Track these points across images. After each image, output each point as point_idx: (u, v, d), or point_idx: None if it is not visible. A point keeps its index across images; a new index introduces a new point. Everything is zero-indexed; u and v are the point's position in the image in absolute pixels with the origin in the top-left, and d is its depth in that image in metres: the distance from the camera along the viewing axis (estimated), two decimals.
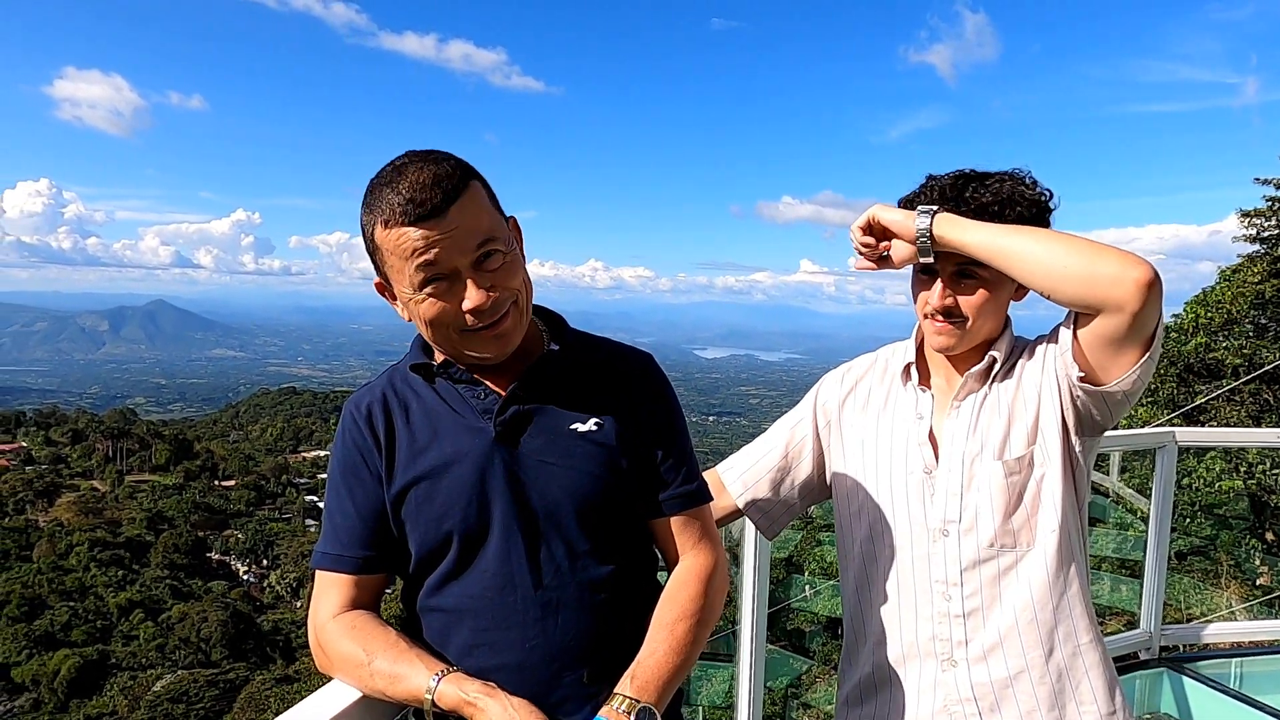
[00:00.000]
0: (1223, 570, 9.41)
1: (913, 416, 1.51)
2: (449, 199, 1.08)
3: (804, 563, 13.32)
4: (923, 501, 1.47)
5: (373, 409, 1.24)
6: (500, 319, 1.15)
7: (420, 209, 1.07)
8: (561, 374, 1.24)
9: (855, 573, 1.59)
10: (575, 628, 1.19)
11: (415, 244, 1.08)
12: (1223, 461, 11.84)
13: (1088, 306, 1.28)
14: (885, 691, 1.54)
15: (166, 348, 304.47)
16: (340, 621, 1.19)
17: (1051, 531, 1.41)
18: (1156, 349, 1.30)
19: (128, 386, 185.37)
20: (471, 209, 1.11)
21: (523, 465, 1.19)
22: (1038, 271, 1.29)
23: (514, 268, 1.15)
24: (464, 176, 1.11)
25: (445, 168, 1.10)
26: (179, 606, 41.58)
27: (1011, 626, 1.42)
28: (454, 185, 1.09)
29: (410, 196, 1.07)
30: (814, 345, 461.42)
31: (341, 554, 1.22)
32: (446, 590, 1.21)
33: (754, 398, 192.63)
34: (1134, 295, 1.21)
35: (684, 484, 1.28)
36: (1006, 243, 1.30)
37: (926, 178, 1.45)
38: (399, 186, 1.09)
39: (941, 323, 1.43)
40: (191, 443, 78.70)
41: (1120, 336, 1.27)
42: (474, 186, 1.13)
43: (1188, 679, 3.10)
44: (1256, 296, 13.18)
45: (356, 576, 1.22)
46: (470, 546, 1.19)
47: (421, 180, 1.08)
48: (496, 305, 1.13)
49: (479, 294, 1.11)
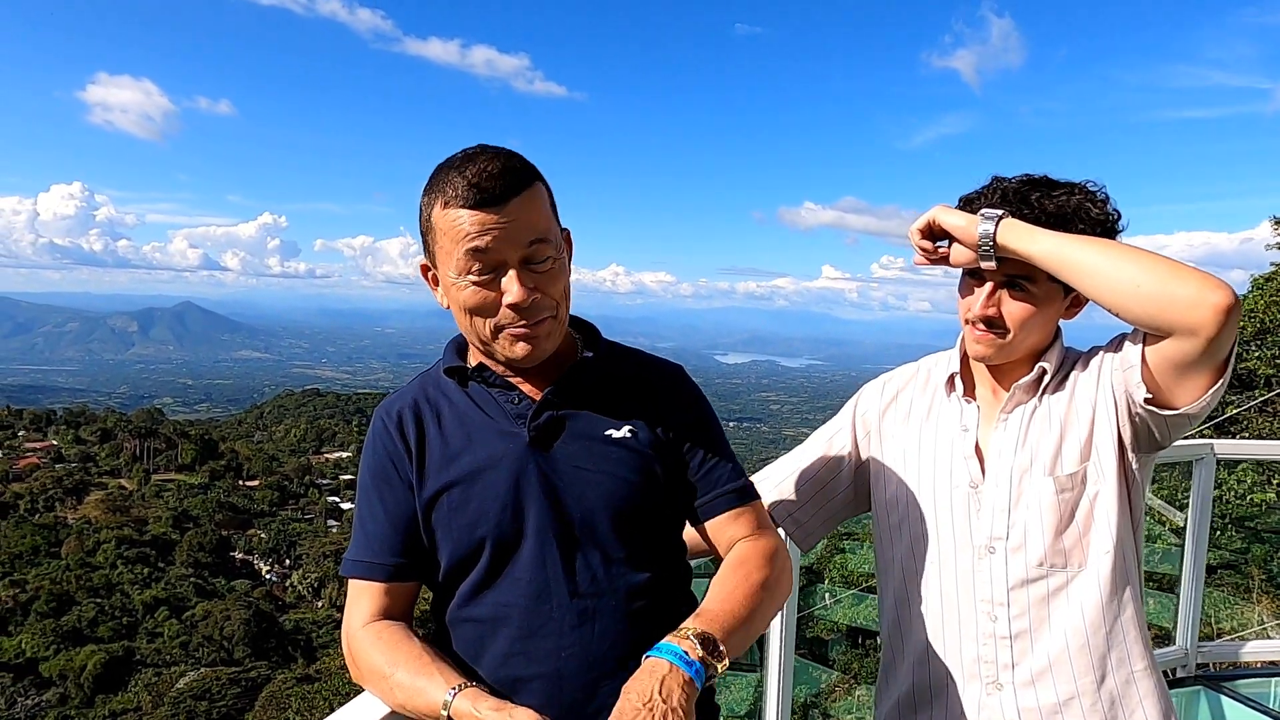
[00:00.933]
0: (1254, 584, 9.21)
1: (957, 428, 1.45)
2: (511, 190, 1.09)
3: (824, 570, 13.22)
4: (968, 517, 1.41)
5: (404, 414, 1.23)
6: (537, 323, 1.14)
7: (482, 194, 1.08)
8: (595, 381, 1.23)
9: (895, 588, 1.53)
10: (612, 636, 1.16)
11: (470, 228, 1.09)
12: (1255, 474, 11.60)
13: (1159, 328, 1.21)
14: (926, 713, 1.48)
15: (193, 349, 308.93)
16: (369, 631, 1.18)
17: (1106, 552, 1.34)
18: (1229, 375, 1.23)
19: (155, 386, 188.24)
20: (530, 206, 1.11)
21: (557, 471, 1.17)
22: (1106, 288, 1.22)
23: (559, 274, 1.15)
24: (530, 175, 1.12)
25: (514, 162, 1.11)
26: (202, 604, 42.07)
27: (1062, 650, 1.35)
28: (519, 180, 1.10)
29: (475, 181, 1.08)
30: (836, 351, 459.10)
31: (372, 561, 1.20)
32: (480, 599, 1.19)
33: (774, 404, 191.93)
34: (1211, 320, 1.14)
35: (731, 481, 1.27)
36: (1075, 255, 1.23)
37: (992, 179, 1.38)
38: (466, 171, 1.09)
39: (982, 331, 1.37)
40: (217, 443, 79.74)
41: (1192, 361, 1.21)
42: (537, 187, 1.13)
43: (1225, 698, 3.02)
44: None
45: (388, 584, 1.21)
46: (504, 553, 1.17)
47: (489, 169, 1.09)
48: (536, 307, 1.13)
49: (521, 290, 1.11)
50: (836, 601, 11.17)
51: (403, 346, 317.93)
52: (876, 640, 12.93)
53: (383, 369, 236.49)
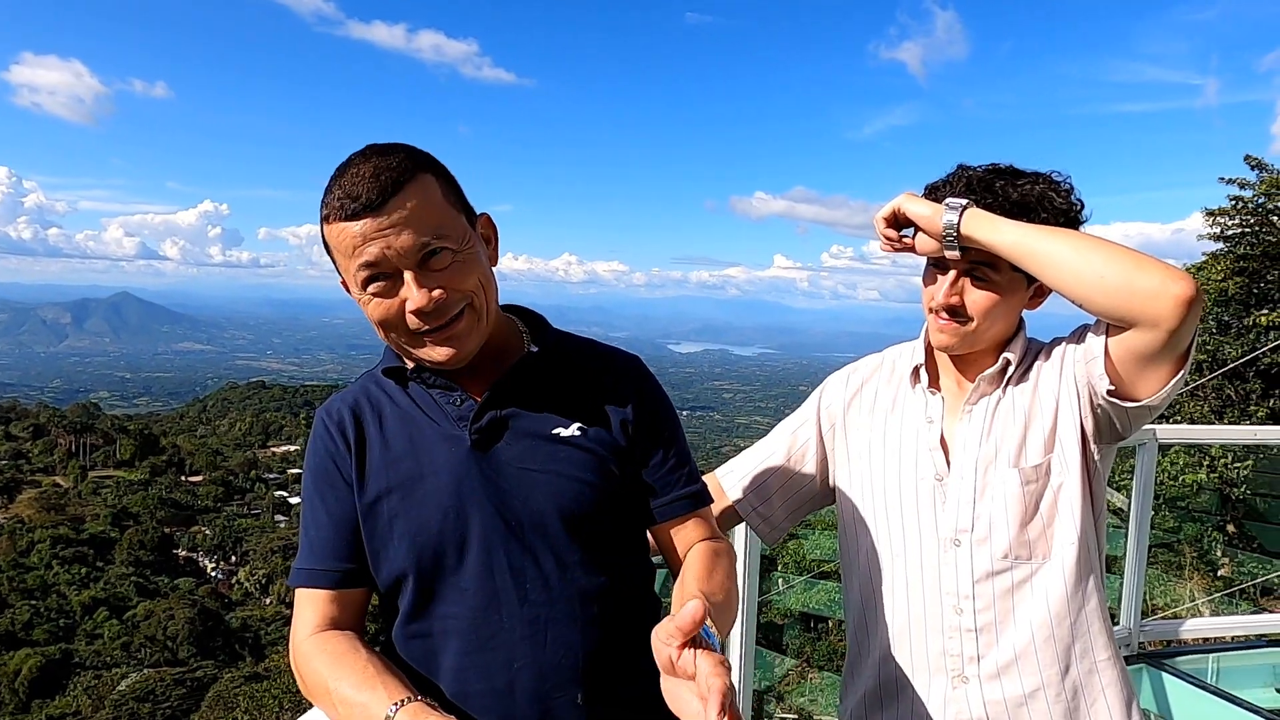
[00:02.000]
0: (1186, 563, 9.58)
1: (922, 420, 1.44)
2: (386, 193, 1.01)
3: (778, 557, 13.39)
4: (933, 509, 1.40)
5: (344, 415, 1.17)
6: (450, 322, 1.07)
7: (355, 203, 1.01)
8: (542, 377, 1.17)
9: (860, 583, 1.51)
10: (566, 645, 1.11)
11: (353, 240, 1.02)
12: (1186, 455, 12.06)
13: (1122, 320, 1.21)
14: (891, 708, 1.47)
15: (131, 341, 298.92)
16: (312, 642, 1.11)
17: (1070, 544, 1.34)
18: (1189, 366, 1.24)
19: (91, 380, 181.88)
20: (415, 204, 1.03)
21: (502, 474, 1.11)
22: (1070, 279, 1.21)
23: (467, 268, 1.07)
24: (410, 169, 1.04)
25: (390, 160, 1.03)
26: (144, 604, 40.90)
27: (1027, 643, 1.35)
28: (394, 179, 1.02)
29: (347, 190, 1.02)
30: (787, 340, 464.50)
31: (316, 568, 1.14)
32: (427, 611, 1.13)
33: (727, 392, 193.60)
34: (1173, 312, 1.15)
35: (686, 485, 1.22)
36: (1040, 245, 1.23)
37: (957, 166, 1.37)
38: (341, 180, 1.03)
39: (945, 320, 1.35)
40: (157, 438, 77.42)
41: (1154, 352, 1.21)
42: (423, 179, 1.05)
43: (1167, 675, 3.11)
44: (1220, 294, 13.43)
45: (335, 591, 1.14)
46: (448, 562, 1.11)
47: (361, 173, 1.02)
48: (442, 307, 1.06)
49: (421, 294, 1.04)
50: (790, 588, 11.29)
51: (351, 337, 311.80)
52: (829, 625, 13.16)
53: (331, 360, 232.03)
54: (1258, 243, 13.48)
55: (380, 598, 1.18)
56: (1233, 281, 13.37)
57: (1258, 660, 3.43)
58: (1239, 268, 13.47)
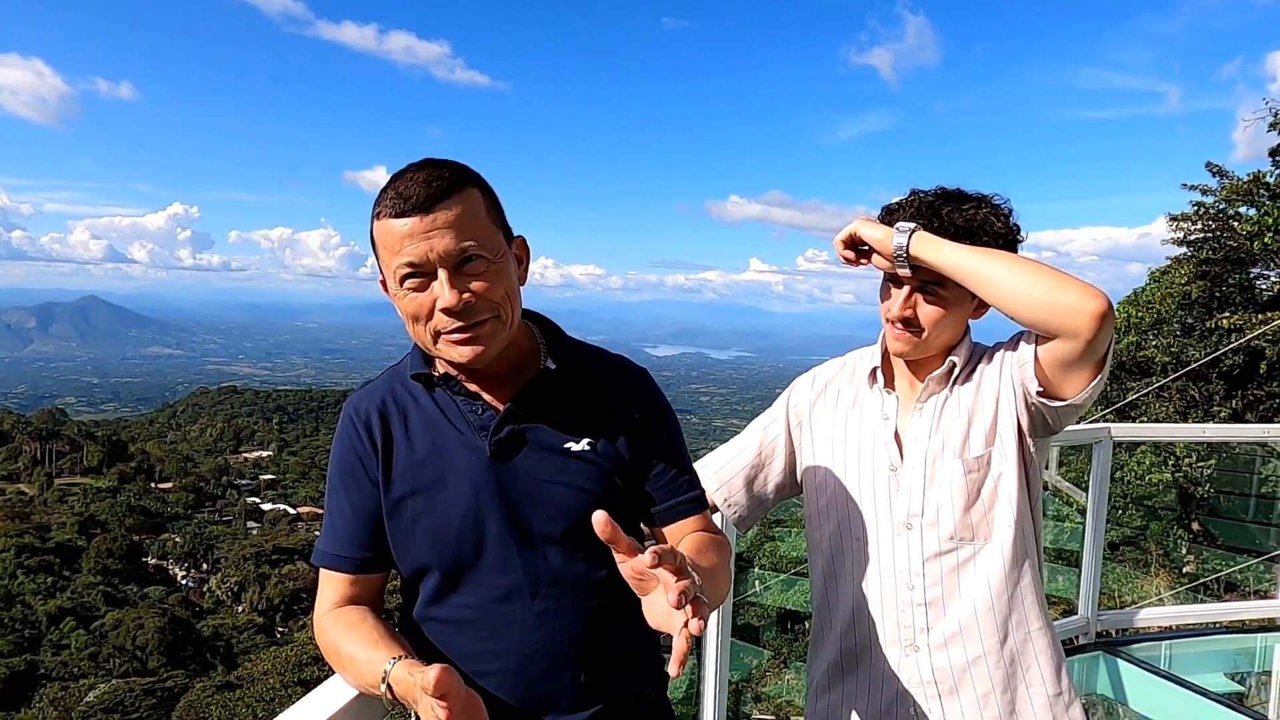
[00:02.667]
0: (1152, 559, 9.80)
1: (879, 417, 1.59)
2: (436, 198, 1.12)
3: (754, 557, 13.46)
4: (889, 497, 1.55)
5: (371, 415, 1.26)
6: (475, 325, 1.16)
7: (407, 203, 1.11)
8: (557, 393, 1.26)
9: (823, 565, 1.66)
10: (571, 630, 1.23)
11: (397, 236, 1.12)
12: (1152, 455, 12.33)
13: (1047, 331, 1.37)
14: (852, 677, 1.62)
15: (99, 345, 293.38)
16: (332, 615, 1.23)
17: (1007, 526, 1.49)
18: (1107, 370, 1.41)
19: (57, 385, 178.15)
20: (460, 211, 1.13)
21: (517, 483, 1.22)
22: (1003, 295, 1.37)
23: (498, 279, 1.17)
24: (459, 182, 1.14)
25: (442, 171, 1.14)
26: (113, 613, 40.13)
27: (970, 615, 1.51)
28: (444, 187, 1.13)
29: (400, 191, 1.12)
30: (763, 344, 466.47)
31: (339, 554, 1.25)
32: (445, 601, 1.24)
33: (704, 395, 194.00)
34: (1088, 325, 1.31)
35: (685, 492, 1.33)
36: (977, 265, 1.38)
37: (910, 192, 1.53)
38: (396, 184, 1.14)
39: (900, 330, 1.51)
40: (126, 444, 76.06)
41: (1074, 359, 1.37)
42: (469, 192, 1.15)
43: (1122, 661, 3.24)
44: (1183, 297, 13.75)
45: (354, 575, 1.25)
46: (467, 560, 1.22)
47: (415, 179, 1.13)
48: (470, 310, 1.15)
49: (452, 295, 1.13)
50: (766, 588, 11.40)
51: (325, 341, 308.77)
52: (805, 625, 13.22)
53: (305, 364, 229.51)
54: (1219, 247, 13.83)
55: (402, 581, 1.28)
56: (1195, 285, 13.69)
57: (1209, 647, 3.58)
58: (1201, 271, 13.79)
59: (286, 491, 71.55)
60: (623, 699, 1.30)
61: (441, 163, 1.16)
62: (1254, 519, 8.12)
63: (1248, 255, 13.43)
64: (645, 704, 1.35)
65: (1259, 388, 12.95)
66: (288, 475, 76.04)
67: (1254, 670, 3.72)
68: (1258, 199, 13.39)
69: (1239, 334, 12.56)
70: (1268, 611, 3.65)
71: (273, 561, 48.07)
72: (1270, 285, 13.71)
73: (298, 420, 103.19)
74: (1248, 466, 8.30)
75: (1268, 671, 3.68)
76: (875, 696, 1.58)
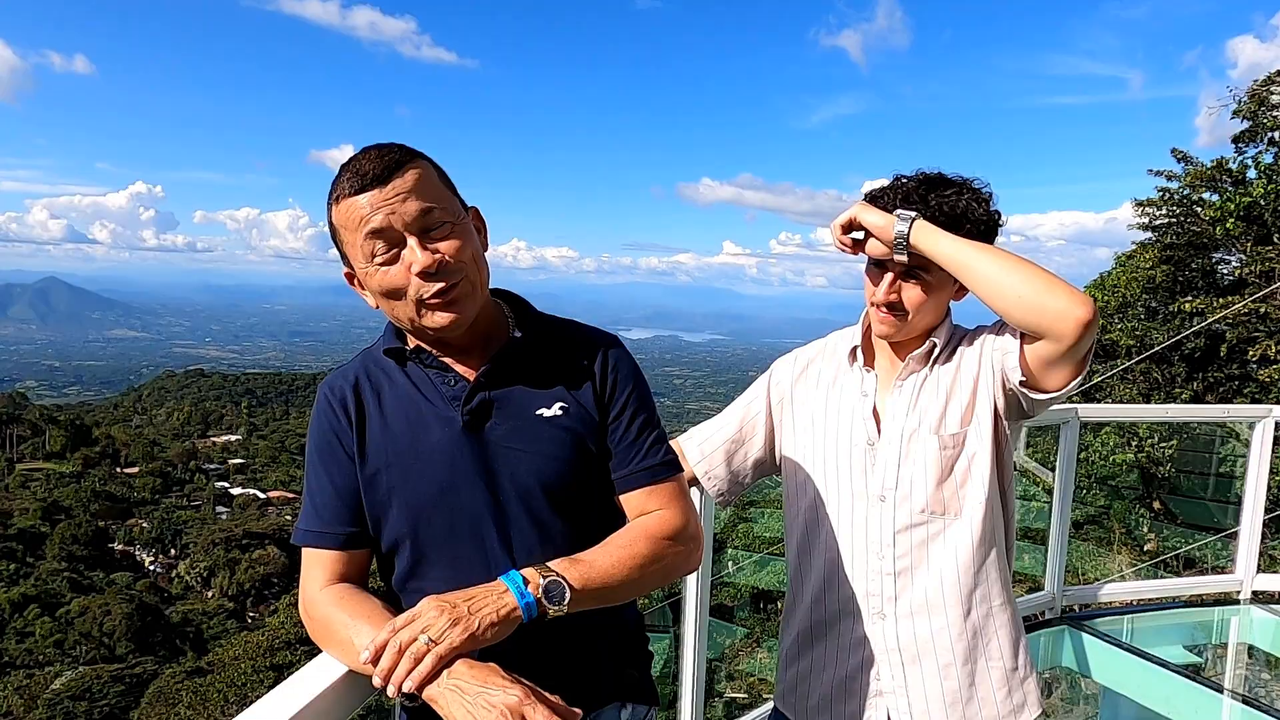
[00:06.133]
0: (1115, 537, 10.05)
1: (858, 394, 1.64)
2: (391, 169, 1.15)
3: (728, 539, 13.60)
4: (865, 471, 1.60)
5: (346, 393, 1.27)
6: (451, 287, 1.17)
7: (363, 178, 1.14)
8: (526, 359, 1.27)
9: (799, 537, 1.71)
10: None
11: (361, 211, 1.15)
12: (1117, 436, 12.61)
13: (1032, 331, 1.42)
14: (821, 644, 1.67)
15: (60, 328, 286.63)
16: (327, 593, 1.22)
17: (978, 504, 1.55)
18: (1088, 368, 1.46)
19: (17, 369, 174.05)
20: (417, 177, 1.16)
21: (491, 452, 1.22)
22: (994, 293, 1.42)
23: (464, 240, 1.19)
24: (409, 154, 1.18)
25: (390, 148, 1.18)
26: (79, 600, 39.52)
27: (937, 587, 1.56)
28: (397, 158, 1.16)
29: (355, 170, 1.15)
30: (737, 326, 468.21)
31: (324, 531, 1.25)
32: (423, 573, 1.24)
33: (678, 379, 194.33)
34: (1073, 330, 1.36)
35: (650, 456, 1.29)
36: (973, 261, 1.43)
37: (894, 178, 1.56)
38: (347, 168, 1.17)
39: (885, 314, 1.55)
40: (90, 428, 74.67)
41: (1057, 359, 1.43)
42: (420, 164, 1.18)
43: (1086, 635, 3.33)
44: (1148, 281, 14.02)
45: (340, 552, 1.24)
46: (443, 531, 1.22)
47: (367, 156, 1.16)
48: (445, 270, 1.16)
49: (425, 255, 1.15)
50: (740, 568, 11.51)
51: (294, 324, 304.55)
52: (778, 604, 13.39)
53: (273, 347, 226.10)
54: (1183, 232, 14.10)
55: (380, 557, 1.28)
56: (1160, 269, 13.96)
57: (1169, 621, 3.69)
58: (1166, 256, 14.07)
59: (256, 476, 70.67)
60: (602, 676, 1.31)
61: (386, 145, 1.19)
62: (1213, 497, 8.35)
63: (1210, 240, 13.71)
64: (628, 683, 1.37)
65: (1219, 370, 13.28)
66: (257, 460, 75.11)
67: (1211, 642, 3.84)
68: (1221, 185, 13.65)
69: (1200, 318, 12.84)
70: (1225, 586, 3.77)
71: (243, 546, 47.54)
72: (1231, 270, 14.02)
73: (267, 404, 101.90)
74: (1207, 446, 8.52)
75: (1224, 644, 3.81)
76: (842, 663, 1.64)
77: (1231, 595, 3.76)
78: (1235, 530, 3.75)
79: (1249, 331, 12.59)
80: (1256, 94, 13.26)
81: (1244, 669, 3.79)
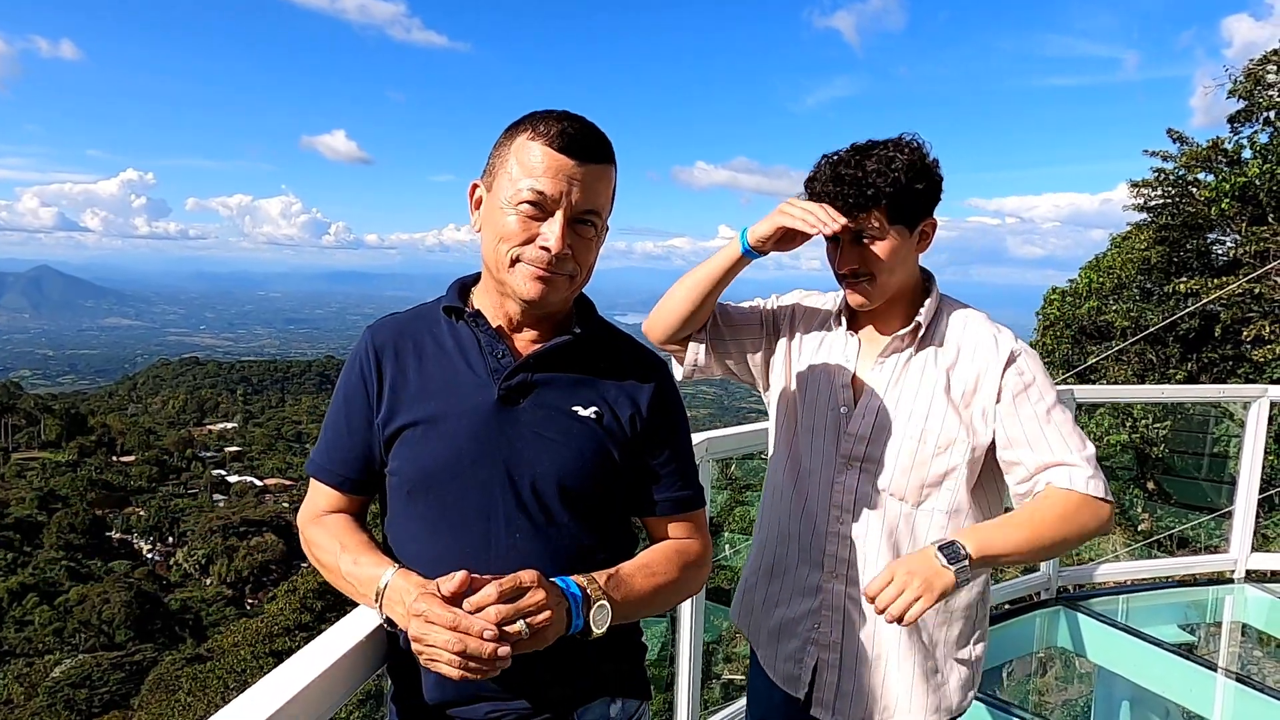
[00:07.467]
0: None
1: (840, 358, 1.66)
2: (595, 153, 1.18)
3: (724, 522, 13.69)
4: (836, 436, 1.62)
5: (385, 344, 1.28)
6: (554, 273, 1.19)
7: (571, 141, 1.16)
8: (578, 356, 1.28)
9: (772, 485, 1.77)
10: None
11: (546, 164, 1.15)
12: (1111, 417, 12.64)
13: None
14: (776, 582, 1.73)
15: (53, 316, 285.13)
16: (324, 520, 1.28)
17: (944, 499, 1.56)
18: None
19: (10, 358, 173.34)
20: (602, 178, 1.20)
21: (518, 432, 1.22)
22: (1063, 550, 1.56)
23: (593, 248, 1.24)
24: (612, 154, 1.22)
25: (602, 135, 1.20)
26: (77, 589, 39.58)
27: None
28: (605, 151, 1.20)
29: (565, 128, 1.16)
30: None
31: (330, 469, 1.29)
32: (417, 529, 1.24)
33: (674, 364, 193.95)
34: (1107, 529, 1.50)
35: (680, 490, 1.34)
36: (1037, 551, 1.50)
37: (821, 158, 1.53)
38: (569, 119, 1.18)
39: (854, 283, 1.55)
40: (85, 417, 74.46)
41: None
42: (613, 170, 1.23)
43: (1081, 615, 3.35)
44: (1143, 262, 14.02)
45: (338, 492, 1.29)
46: (453, 498, 1.21)
47: (588, 128, 1.18)
48: (562, 261, 1.19)
49: (559, 241, 1.17)
50: (736, 552, 11.57)
51: (289, 311, 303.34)
52: None
53: (268, 335, 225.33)
54: (1178, 213, 14.08)
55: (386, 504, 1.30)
56: (1155, 250, 13.96)
57: (1163, 600, 3.71)
58: (1161, 237, 14.05)
59: (253, 463, 70.65)
60: (589, 669, 1.29)
61: (598, 128, 1.20)
62: (1207, 477, 8.38)
63: (1205, 221, 13.69)
64: (617, 676, 1.35)
65: (1213, 350, 13.30)
66: (254, 447, 75.06)
67: (1204, 621, 3.87)
68: (1216, 165, 13.62)
69: (1195, 298, 12.85)
70: (1218, 566, 3.78)
71: (241, 534, 47.62)
72: (1226, 250, 14.02)
73: (262, 391, 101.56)
74: (1201, 427, 8.53)
75: (1218, 622, 3.83)
76: (793, 606, 1.70)
77: (1225, 574, 3.78)
78: (1229, 510, 3.77)
79: (1243, 312, 12.61)
80: (1252, 73, 13.20)
81: (1237, 647, 3.82)
